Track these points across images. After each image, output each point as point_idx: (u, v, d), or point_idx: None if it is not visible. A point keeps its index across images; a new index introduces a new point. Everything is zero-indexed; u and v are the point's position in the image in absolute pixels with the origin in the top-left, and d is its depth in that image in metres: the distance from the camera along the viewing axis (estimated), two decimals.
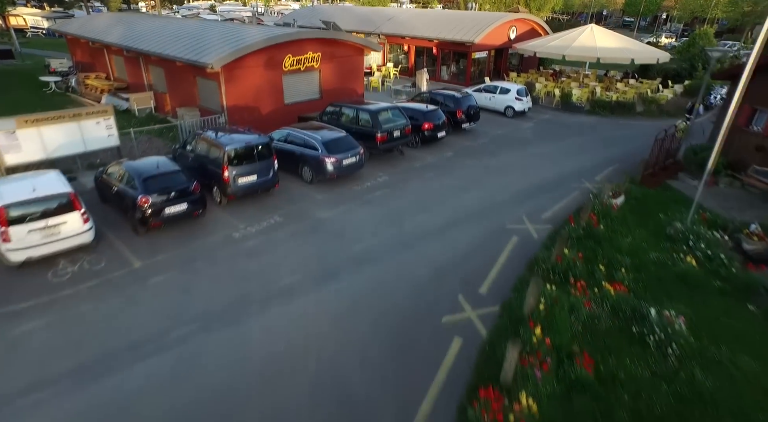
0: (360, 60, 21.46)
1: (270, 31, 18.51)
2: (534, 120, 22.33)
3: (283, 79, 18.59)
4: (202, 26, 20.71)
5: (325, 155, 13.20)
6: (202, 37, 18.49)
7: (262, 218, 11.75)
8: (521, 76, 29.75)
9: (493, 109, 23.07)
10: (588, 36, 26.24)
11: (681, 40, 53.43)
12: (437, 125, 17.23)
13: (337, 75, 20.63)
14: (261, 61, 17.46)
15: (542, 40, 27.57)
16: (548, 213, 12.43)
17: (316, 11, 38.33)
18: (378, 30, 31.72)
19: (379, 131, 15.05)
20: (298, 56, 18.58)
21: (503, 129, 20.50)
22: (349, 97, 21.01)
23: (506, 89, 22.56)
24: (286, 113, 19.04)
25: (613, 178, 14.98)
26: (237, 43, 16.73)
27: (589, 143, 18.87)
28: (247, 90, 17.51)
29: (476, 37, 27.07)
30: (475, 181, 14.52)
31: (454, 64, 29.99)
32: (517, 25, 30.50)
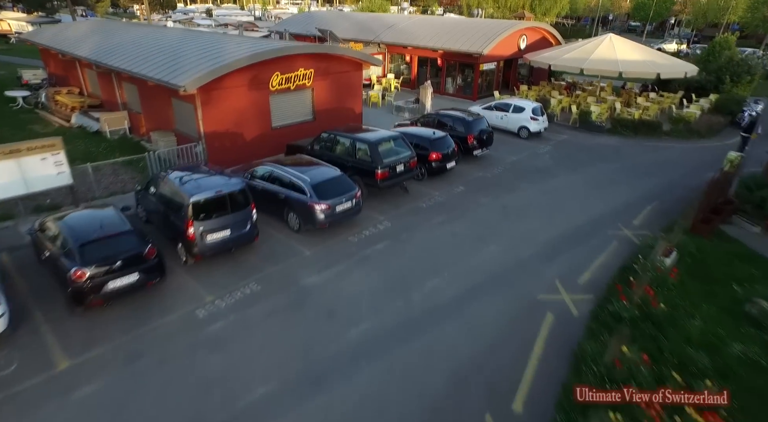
0: (358, 76, 19.23)
1: (256, 46, 16.28)
2: (551, 142, 20.09)
3: (270, 100, 16.36)
4: (183, 38, 18.49)
5: (314, 200, 10.94)
6: (179, 52, 16.27)
7: (235, 286, 9.49)
8: (532, 89, 27.53)
9: (506, 129, 20.84)
10: (607, 47, 24.03)
11: (693, 47, 51.31)
12: (446, 155, 14.98)
13: (333, 93, 18.40)
14: (244, 81, 15.24)
15: (556, 51, 25.37)
16: (586, 275, 10.18)
17: (312, 18, 36.13)
18: (378, 39, 29.52)
19: (380, 166, 12.79)
20: (287, 74, 16.35)
21: (519, 154, 18.26)
22: (345, 123, 18.77)
23: (520, 108, 20.33)
24: (273, 139, 16.81)
25: (654, 221, 12.74)
26: (215, 61, 14.50)
27: (617, 172, 16.62)
28: (227, 114, 15.28)
29: (485, 49, 24.86)
30: (493, 227, 12.27)
31: (459, 76, 27.77)
32: (528, 33, 28.32)
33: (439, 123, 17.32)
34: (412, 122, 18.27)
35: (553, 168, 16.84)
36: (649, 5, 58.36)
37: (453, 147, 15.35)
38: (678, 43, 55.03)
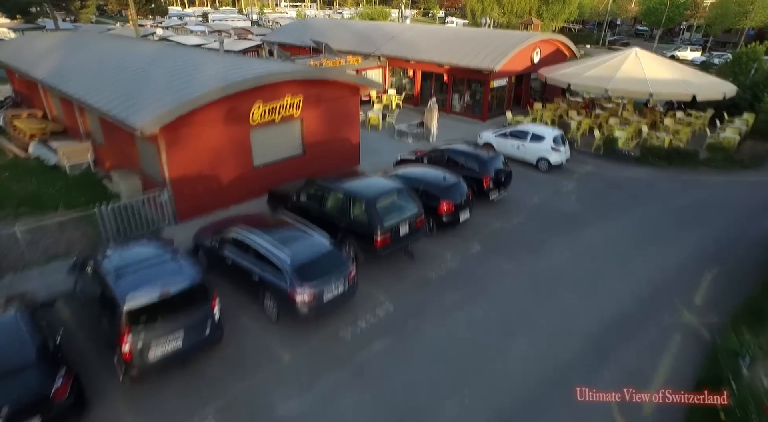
0: (355, 101, 16.77)
1: (234, 70, 13.84)
2: (575, 175, 17.64)
3: (251, 135, 13.93)
4: (154, 57, 16.05)
5: (296, 287, 8.49)
6: (144, 77, 13.86)
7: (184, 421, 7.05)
8: (547, 107, 25.06)
9: (522, 159, 18.38)
10: (634, 64, 21.56)
11: (710, 55, 48.81)
12: (459, 205, 12.53)
13: (326, 122, 15.96)
14: (218, 114, 12.80)
15: (576, 67, 22.91)
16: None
17: (307, 27, 33.70)
18: (378, 51, 27.07)
19: (380, 229, 10.34)
20: (271, 103, 13.92)
21: (540, 193, 15.81)
22: (339, 155, 16.37)
23: (539, 136, 17.86)
24: (256, 179, 14.39)
25: (722, 299, 10.28)
26: (181, 93, 12.06)
27: (658, 220, 14.17)
28: (199, 154, 12.85)
29: (496, 65, 22.41)
30: (520, 310, 9.82)
31: (467, 93, 25.32)
32: (542, 46, 25.87)
33: (450, 160, 14.87)
34: (418, 157, 15.80)
35: (582, 214, 14.38)
36: (661, 10, 55.82)
37: (467, 195, 12.90)
38: (692, 50, 52.49)
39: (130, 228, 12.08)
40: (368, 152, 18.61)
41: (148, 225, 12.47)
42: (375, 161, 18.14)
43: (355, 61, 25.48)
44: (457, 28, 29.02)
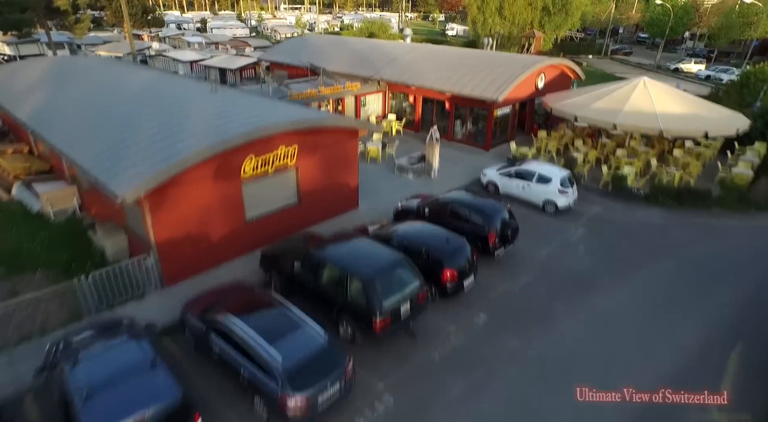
0: (353, 144, 16.01)
1: (226, 120, 13.07)
2: (583, 219, 16.88)
3: (242, 189, 13.17)
4: (140, 101, 15.23)
5: (288, 392, 7.73)
6: (129, 129, 13.07)
7: None
8: (552, 135, 24.30)
9: (528, 201, 17.64)
10: (642, 95, 20.80)
11: (715, 69, 48.07)
12: (463, 271, 11.76)
13: (323, 168, 15.20)
14: (207, 172, 12.04)
15: (582, 97, 22.13)
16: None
17: (305, 45, 32.94)
18: (377, 75, 26.31)
19: (379, 312, 9.57)
20: (264, 155, 13.16)
21: (547, 243, 15.04)
22: (336, 199, 15.65)
23: (546, 178, 17.09)
24: (248, 233, 13.65)
25: (753, 386, 9.51)
26: (167, 155, 11.28)
27: (675, 279, 13.40)
28: (187, 213, 12.08)
29: (500, 95, 21.65)
30: (530, 403, 9.06)
31: (470, 121, 24.55)
32: (546, 71, 25.12)
33: (452, 213, 14.09)
34: (419, 206, 15.00)
35: (593, 273, 13.60)
36: (665, 21, 55.06)
37: (471, 256, 12.13)
38: (696, 63, 51.73)
39: (113, 295, 11.34)
40: (367, 192, 17.87)
41: (133, 291, 11.72)
42: (374, 203, 17.42)
43: (353, 87, 24.74)
44: (459, 50, 28.22)
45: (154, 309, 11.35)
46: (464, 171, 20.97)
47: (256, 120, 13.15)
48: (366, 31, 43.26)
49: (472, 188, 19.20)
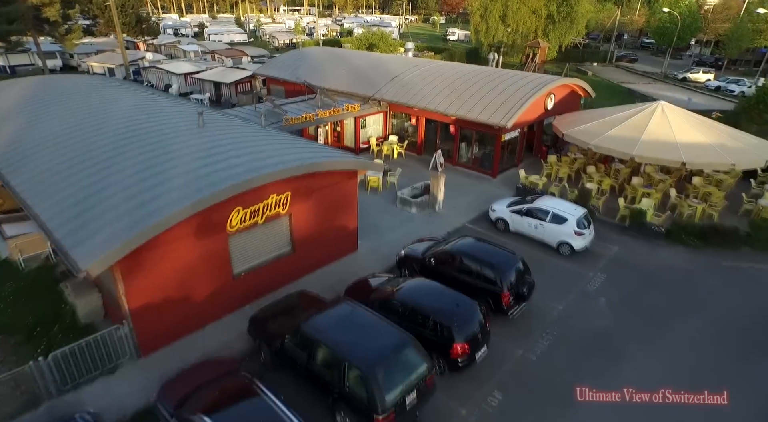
0: (352, 184, 14.71)
1: (212, 168, 11.74)
2: (601, 263, 15.58)
3: (229, 243, 11.88)
4: (120, 141, 13.85)
5: None
6: (102, 179, 11.70)
7: None
8: (563, 160, 23.01)
9: (541, 241, 16.36)
10: (660, 122, 19.50)
11: (724, 79, 46.74)
12: (475, 342, 10.46)
13: (319, 213, 13.91)
14: (189, 230, 10.74)
15: (596, 123, 20.79)
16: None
17: (302, 59, 31.62)
18: (378, 94, 25.01)
19: (381, 408, 8.26)
20: (253, 206, 11.87)
21: (564, 296, 13.74)
22: (334, 244, 14.33)
23: (561, 218, 15.78)
24: (236, 289, 12.38)
25: None
26: (141, 215, 9.96)
27: (708, 341, 12.10)
28: (165, 276, 10.78)
29: (509, 120, 20.36)
30: None
31: (476, 145, 23.25)
32: (556, 92, 23.81)
33: (461, 266, 12.78)
34: (425, 256, 13.68)
35: (617, 333, 12.28)
36: (672, 29, 53.73)
37: (484, 323, 10.84)
38: (705, 72, 50.38)
39: (80, 372, 10.04)
40: (367, 229, 16.60)
41: (104, 364, 10.42)
42: (375, 243, 16.16)
43: (353, 109, 23.44)
44: (464, 67, 26.91)
45: (125, 388, 10.06)
46: (471, 202, 19.67)
47: (244, 166, 11.83)
48: (366, 41, 41.92)
49: (480, 224, 17.94)
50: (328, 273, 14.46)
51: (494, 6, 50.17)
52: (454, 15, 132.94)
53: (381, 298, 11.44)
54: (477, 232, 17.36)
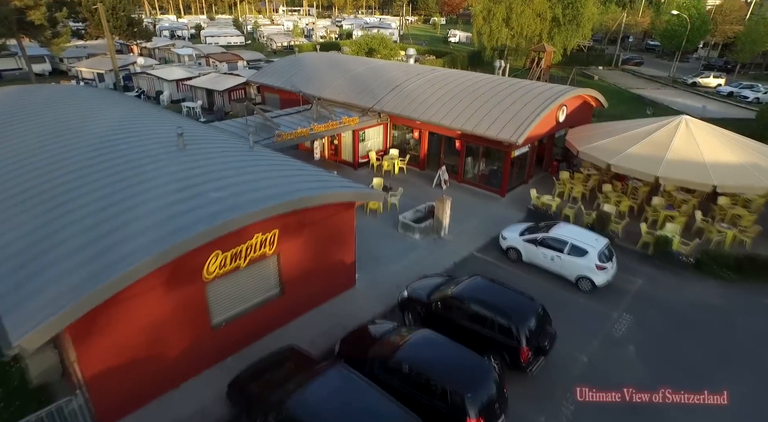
0: (349, 216, 13.13)
1: (188, 205, 10.17)
2: (625, 300, 14.02)
3: (206, 291, 10.32)
4: (84, 169, 12.24)
5: None
6: (56, 218, 10.05)
7: None
8: (576, 177, 21.46)
9: (558, 274, 14.80)
10: (685, 139, 17.91)
11: (737, 84, 45.16)
12: (492, 413, 8.90)
13: (311, 249, 12.34)
14: (155, 282, 9.18)
15: (613, 140, 19.19)
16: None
17: (298, 66, 30.03)
18: (379, 105, 23.42)
19: None
20: (234, 249, 10.31)
21: (587, 342, 12.17)
22: (329, 283, 12.73)
23: (581, 250, 14.21)
24: (214, 343, 10.84)
25: None
26: (100, 269, 8.37)
27: (762, 403, 10.54)
28: (129, 335, 9.22)
29: (519, 137, 18.79)
30: None
31: (483, 161, 21.68)
32: (568, 103, 22.23)
33: (472, 313, 11.21)
34: (430, 301, 12.09)
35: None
36: (681, 32, 52.14)
37: (501, 389, 9.29)
38: (716, 77, 48.76)
39: None
40: (366, 260, 15.07)
41: None
42: (375, 277, 14.61)
43: (351, 122, 21.85)
44: (469, 76, 25.34)
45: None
46: (478, 226, 18.11)
47: (224, 202, 10.25)
48: (365, 46, 40.32)
49: (490, 253, 16.38)
50: (323, 315, 12.91)
51: (498, 8, 48.63)
52: (455, 16, 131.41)
53: (381, 355, 9.89)
54: (486, 263, 15.84)
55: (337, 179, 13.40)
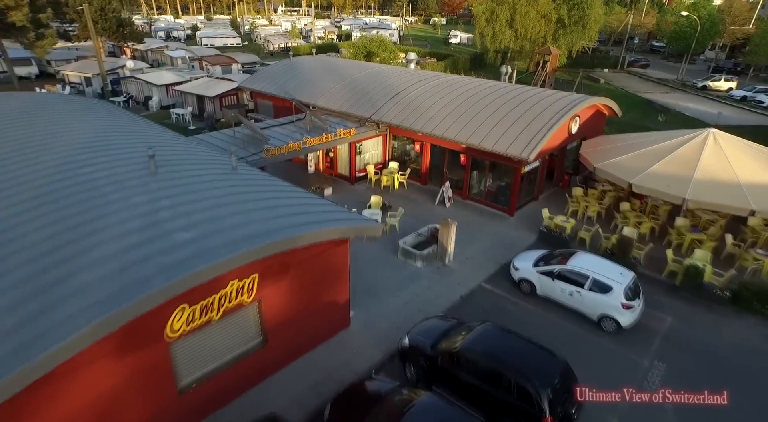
0: (342, 251, 11.49)
1: (145, 251, 8.54)
2: (654, 342, 12.40)
3: (171, 352, 8.68)
4: (40, 195, 10.67)
5: None
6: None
7: None
8: (590, 194, 19.85)
9: (577, 310, 13.19)
10: (715, 155, 16.28)
11: (750, 88, 43.49)
12: None
13: (299, 291, 10.71)
14: (104, 350, 7.54)
15: (633, 156, 17.55)
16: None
17: (293, 71, 28.41)
18: (378, 115, 21.81)
19: None
20: (204, 301, 8.68)
21: (615, 404, 10.53)
22: (321, 330, 11.09)
23: (604, 286, 12.57)
24: (182, 409, 9.18)
25: None
26: (27, 342, 6.73)
27: None
28: (73, 413, 7.58)
29: (531, 153, 17.17)
30: None
31: (490, 176, 20.05)
32: (581, 114, 20.60)
33: (484, 371, 9.57)
34: (434, 353, 10.45)
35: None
36: (690, 34, 50.51)
37: None
38: (727, 81, 47.10)
39: None
40: (362, 293, 13.53)
41: None
42: (372, 315, 13.03)
43: (347, 134, 20.23)
44: (474, 82, 23.70)
45: None
46: (486, 251, 16.50)
47: (193, 245, 8.61)
48: (363, 49, 38.68)
49: (500, 284, 14.76)
50: (313, 364, 11.29)
51: (501, 9, 46.95)
52: (455, 16, 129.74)
53: None
54: (497, 296, 14.23)
55: (330, 208, 11.74)
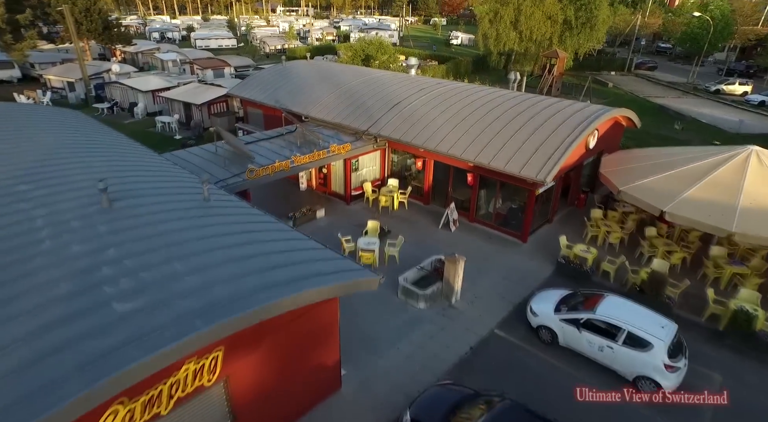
0: (331, 309, 9.50)
1: (82, 326, 6.57)
2: (706, 414, 10.41)
3: None
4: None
5: None
6: None
7: None
8: (610, 217, 17.90)
9: (609, 367, 11.23)
10: (760, 176, 14.33)
11: (766, 93, 41.56)
12: None
13: (277, 360, 8.74)
14: None
15: (661, 178, 15.57)
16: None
17: (285, 77, 26.41)
18: (376, 128, 19.83)
19: None
20: (148, 393, 6.71)
21: None
22: (304, 402, 9.18)
23: (642, 341, 10.61)
24: None
25: None
26: None
27: None
28: None
29: (547, 174, 15.21)
30: None
31: (500, 197, 18.07)
32: (600, 127, 18.63)
33: None
34: None
35: None
36: (702, 35, 48.54)
37: None
38: (741, 84, 45.11)
39: None
40: (357, 345, 11.61)
41: None
42: (368, 373, 11.10)
43: (341, 150, 18.26)
44: (480, 91, 21.74)
45: None
46: (497, 286, 14.57)
47: (134, 320, 6.65)
48: (361, 52, 36.70)
49: (515, 331, 12.79)
50: None
51: (505, 10, 44.99)
52: (455, 16, 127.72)
53: None
54: (513, 347, 12.28)
55: (317, 255, 9.75)
